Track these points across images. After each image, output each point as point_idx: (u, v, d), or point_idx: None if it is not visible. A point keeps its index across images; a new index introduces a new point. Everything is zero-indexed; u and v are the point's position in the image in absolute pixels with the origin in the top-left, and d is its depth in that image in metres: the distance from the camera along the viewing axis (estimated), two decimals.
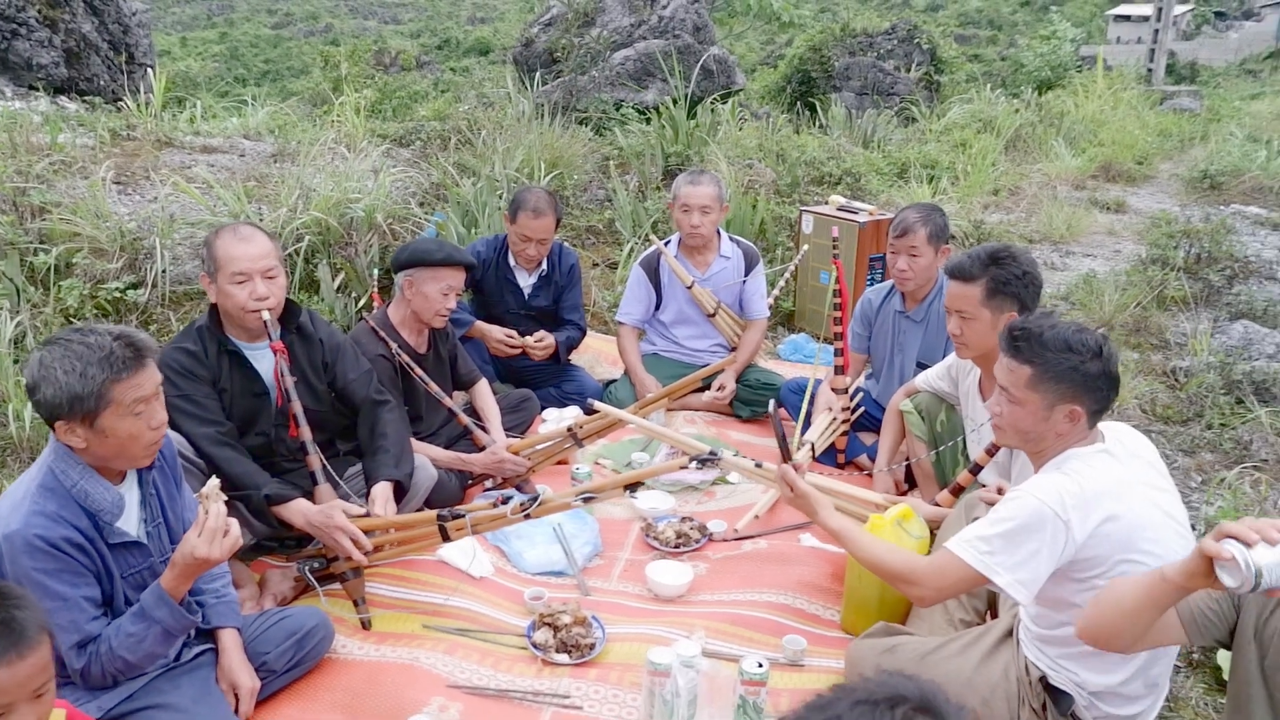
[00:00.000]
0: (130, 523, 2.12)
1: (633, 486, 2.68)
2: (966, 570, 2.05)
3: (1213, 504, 3.58)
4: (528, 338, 4.16)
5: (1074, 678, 2.11)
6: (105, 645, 1.99)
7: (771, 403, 3.52)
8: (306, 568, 2.74)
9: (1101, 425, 2.16)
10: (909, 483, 3.50)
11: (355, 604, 2.71)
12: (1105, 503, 1.97)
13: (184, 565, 2.02)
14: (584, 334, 4.44)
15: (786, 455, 2.71)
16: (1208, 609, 1.86)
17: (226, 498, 2.07)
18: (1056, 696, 2.14)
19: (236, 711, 2.21)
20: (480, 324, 4.16)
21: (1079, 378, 2.04)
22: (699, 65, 8.42)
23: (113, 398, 1.94)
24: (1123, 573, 1.97)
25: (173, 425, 2.58)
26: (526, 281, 4.27)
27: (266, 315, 2.70)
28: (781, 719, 1.10)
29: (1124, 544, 1.97)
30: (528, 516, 2.60)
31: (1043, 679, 2.16)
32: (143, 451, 2.05)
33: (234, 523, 2.06)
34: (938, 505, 2.99)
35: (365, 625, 2.67)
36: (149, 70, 7.17)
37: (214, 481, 2.08)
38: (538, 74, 8.74)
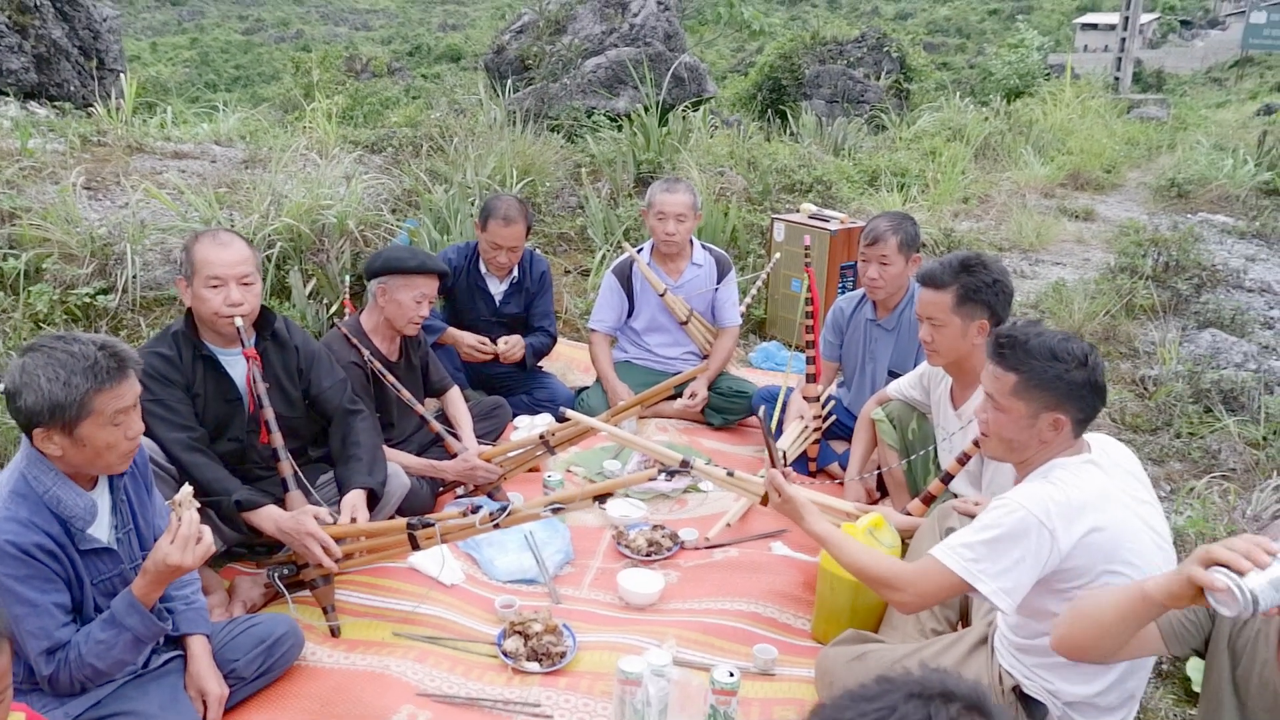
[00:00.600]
0: (101, 529, 2.11)
1: (602, 497, 2.69)
2: (950, 577, 2.05)
3: (1181, 513, 3.61)
4: (500, 345, 4.16)
5: (1049, 687, 2.12)
6: (74, 652, 1.98)
7: (762, 408, 3.54)
8: (276, 574, 2.73)
9: (1087, 436, 2.17)
10: (880, 491, 3.53)
11: (324, 611, 2.70)
12: (1090, 513, 1.98)
13: (156, 572, 2.01)
14: (554, 341, 4.45)
15: (774, 460, 2.73)
16: (1185, 619, 1.86)
17: (199, 504, 2.07)
18: (1030, 706, 2.15)
19: (204, 719, 2.19)
20: (452, 330, 4.16)
21: (1063, 386, 2.05)
22: (670, 73, 8.45)
23: (94, 408, 1.94)
24: (1105, 584, 1.98)
25: (145, 429, 2.57)
26: (498, 289, 4.27)
27: (239, 321, 2.70)
28: (819, 705, 1.07)
29: (1108, 555, 1.98)
30: (497, 526, 2.60)
31: (1016, 688, 2.17)
32: (118, 460, 2.05)
33: (206, 530, 2.06)
34: (909, 514, 3.02)
35: (334, 633, 2.66)
36: (120, 76, 7.10)
37: (187, 489, 2.08)
38: (509, 81, 8.74)
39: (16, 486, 1.99)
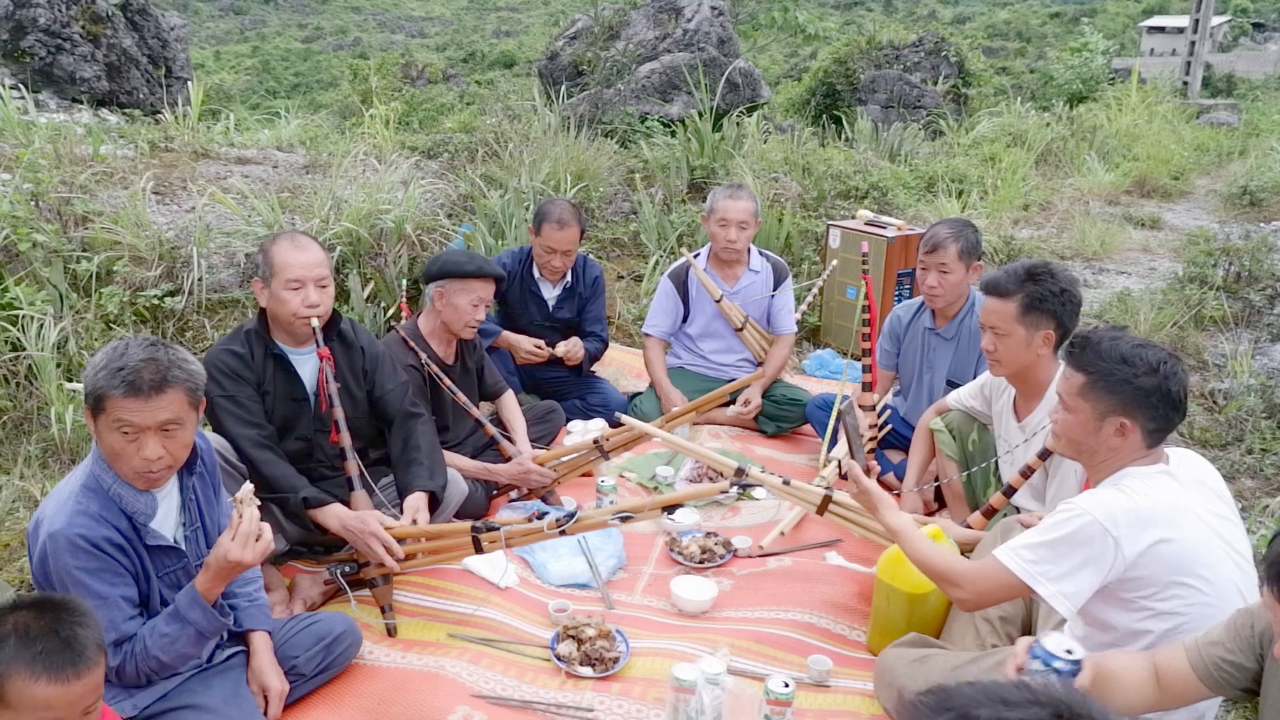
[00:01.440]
0: (167, 526, 2.16)
1: (671, 508, 2.68)
2: (1009, 577, 2.05)
3: (1254, 532, 3.49)
4: (558, 349, 4.18)
5: None
6: (140, 644, 2.03)
7: (848, 400, 3.26)
8: (338, 570, 2.77)
9: (1169, 450, 2.14)
10: (938, 503, 3.47)
11: (382, 610, 2.73)
12: (1159, 525, 1.95)
13: (217, 568, 2.05)
14: (606, 346, 4.46)
15: (854, 452, 2.75)
16: (1223, 661, 1.79)
17: (260, 502, 2.10)
18: None
19: (265, 713, 2.23)
20: (507, 334, 4.18)
21: (1131, 391, 2.04)
22: (724, 78, 8.44)
23: (106, 408, 1.97)
24: (1173, 595, 1.94)
25: (216, 425, 2.65)
26: (551, 294, 4.28)
27: (315, 322, 2.76)
28: (943, 692, 1.06)
29: (1175, 567, 1.95)
30: (563, 533, 2.61)
31: None
32: (129, 470, 2.02)
33: (266, 527, 2.09)
34: (969, 527, 2.96)
35: (391, 632, 2.69)
36: (186, 83, 7.30)
37: (249, 486, 2.11)
38: (563, 87, 8.79)
39: (87, 482, 2.04)
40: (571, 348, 4.19)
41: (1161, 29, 47.25)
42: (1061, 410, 2.18)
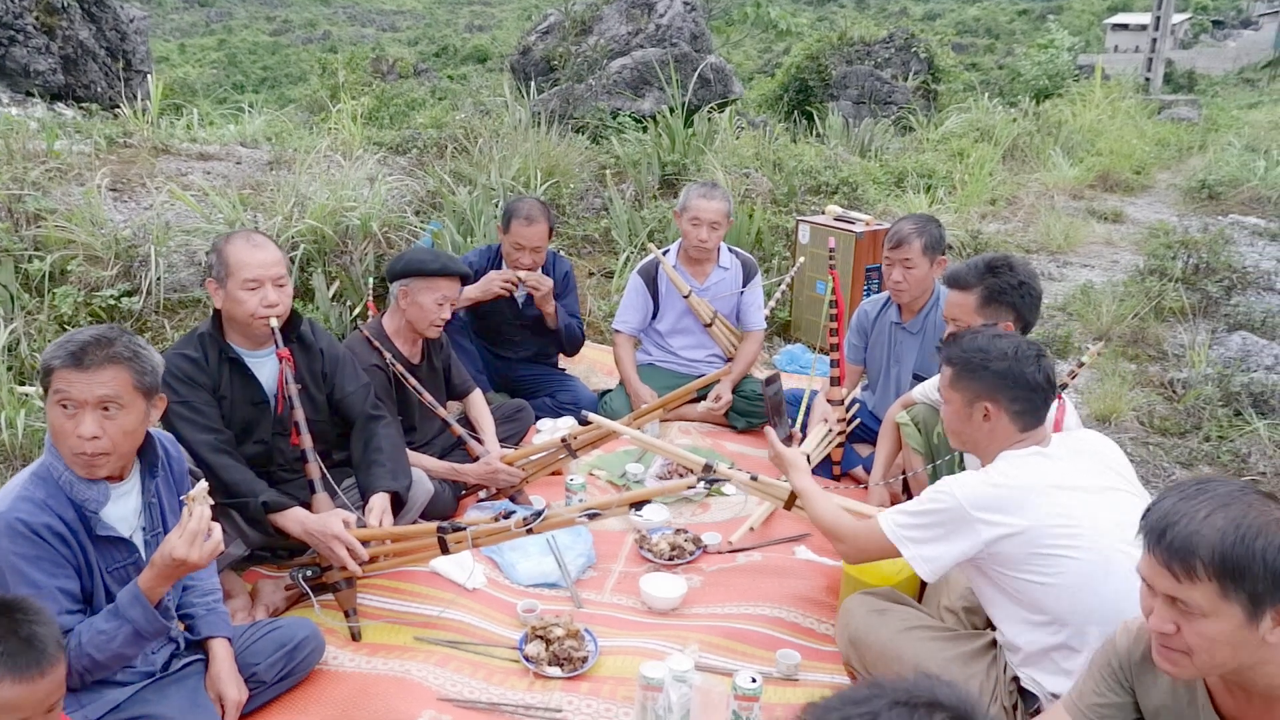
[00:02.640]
0: (124, 525, 2.11)
1: (638, 504, 2.68)
2: (883, 539, 2.30)
3: None
4: (522, 272, 4.00)
5: (1035, 678, 2.19)
6: (75, 640, 1.96)
7: (765, 379, 3.29)
8: (300, 575, 2.73)
9: (1057, 434, 2.32)
10: (906, 495, 3.48)
11: (346, 614, 2.69)
12: (1016, 508, 2.11)
13: (162, 566, 1.98)
14: (583, 338, 4.42)
15: (772, 422, 2.93)
16: (1100, 706, 1.79)
17: (213, 502, 2.05)
18: (1026, 697, 2.23)
19: None
20: (467, 289, 3.94)
21: (988, 375, 2.24)
22: (696, 74, 8.43)
23: (50, 382, 1.97)
24: (1037, 567, 2.09)
25: (172, 431, 2.59)
26: (520, 292, 4.25)
27: (274, 322, 2.71)
28: (811, 705, 1.08)
29: (1032, 543, 2.10)
30: (530, 531, 2.59)
31: (1015, 678, 2.26)
32: (67, 452, 1.99)
33: (216, 527, 2.03)
34: None
35: (355, 636, 2.66)
36: (147, 77, 7.18)
37: (202, 485, 2.04)
38: (534, 82, 8.74)
39: (38, 470, 2.02)
40: (542, 279, 4.02)
41: (1125, 26, 47.86)
42: (943, 404, 2.38)
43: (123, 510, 2.12)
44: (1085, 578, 2.07)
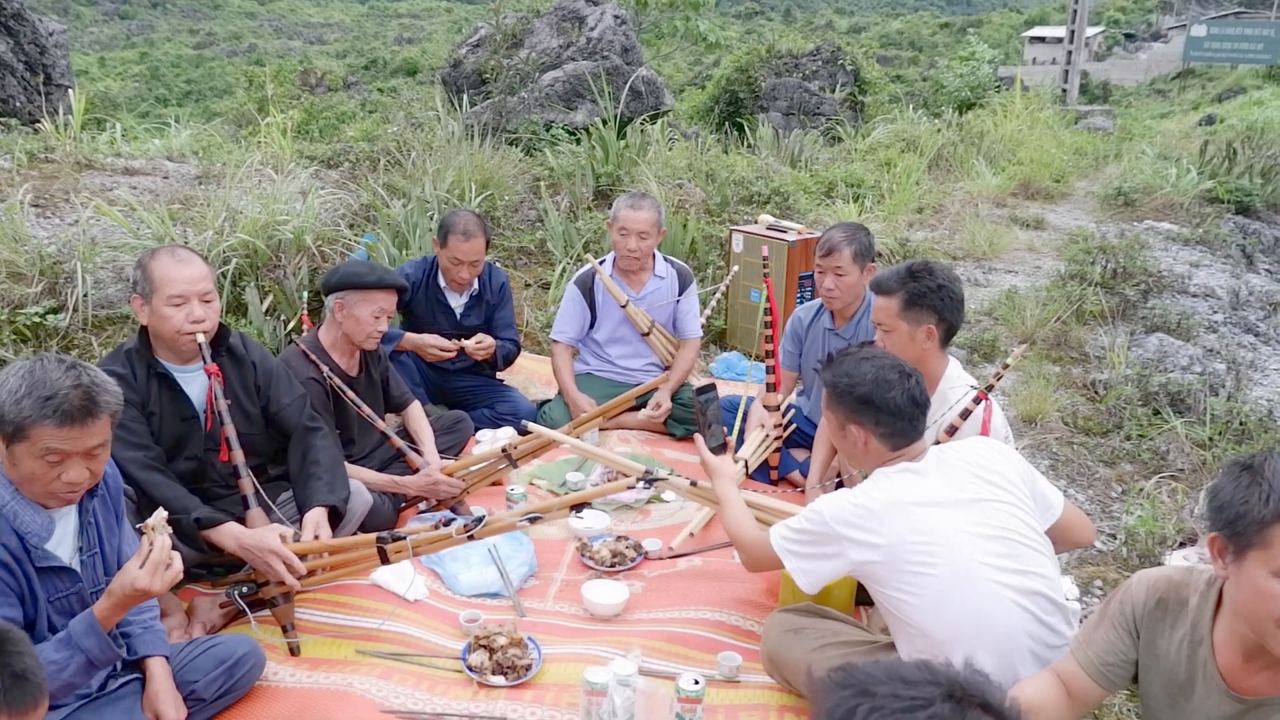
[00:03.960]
0: (63, 549, 2.08)
1: (578, 506, 2.70)
2: (769, 549, 2.40)
3: (1132, 513, 3.70)
4: (466, 341, 4.11)
5: None
6: None
7: (698, 388, 3.27)
8: (235, 592, 2.69)
9: (935, 446, 2.41)
10: None
11: (284, 629, 2.66)
12: (882, 520, 2.20)
13: (122, 595, 1.98)
14: (519, 349, 4.45)
15: (703, 429, 3.00)
16: (1108, 655, 1.88)
17: (171, 530, 2.04)
18: None
19: None
20: (410, 336, 4.12)
21: (852, 401, 2.35)
22: (628, 86, 8.50)
23: (30, 435, 1.91)
24: (909, 584, 2.15)
25: None
26: (458, 302, 4.26)
27: (201, 338, 2.68)
28: (848, 669, 1.10)
29: (896, 568, 2.18)
30: (471, 537, 2.59)
31: None
32: (42, 493, 1.99)
33: (177, 556, 2.03)
34: None
35: (294, 651, 2.63)
36: (68, 91, 6.98)
37: (161, 514, 2.05)
38: (466, 95, 8.72)
39: None
40: (481, 340, 4.13)
41: (1042, 39, 49.49)
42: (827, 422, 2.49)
43: (61, 532, 2.08)
44: (946, 592, 2.13)
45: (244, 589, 2.70)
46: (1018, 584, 2.15)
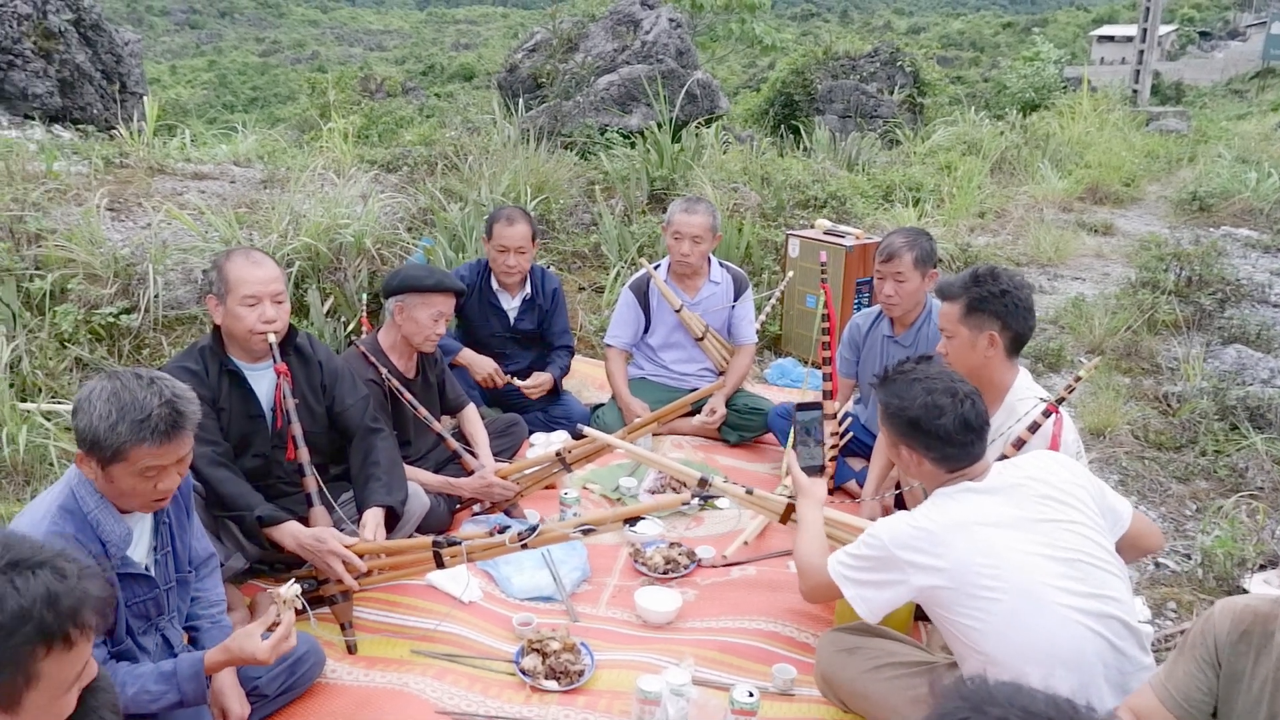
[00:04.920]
0: (139, 552, 2.14)
1: (632, 520, 2.69)
2: (828, 578, 2.34)
3: (1209, 533, 3.56)
4: (520, 381, 4.17)
5: None
6: (120, 689, 1.97)
7: (797, 406, 3.19)
8: (300, 587, 2.73)
9: (999, 463, 2.33)
10: (900, 509, 3.49)
11: (342, 628, 2.71)
12: (944, 542, 2.14)
13: (236, 655, 2.07)
14: (573, 355, 4.46)
15: (797, 447, 2.89)
16: (1191, 689, 1.80)
17: (301, 605, 2.12)
18: None
19: None
20: (467, 353, 4.16)
21: (902, 424, 2.30)
22: (683, 90, 8.49)
23: (128, 457, 1.96)
24: (975, 608, 2.08)
25: None
26: (510, 305, 4.28)
27: (272, 338, 2.75)
28: (973, 680, 1.10)
29: (964, 590, 2.12)
30: (525, 546, 2.61)
31: None
32: (141, 504, 2.07)
33: (295, 633, 2.12)
34: None
35: (351, 649, 2.67)
36: (141, 98, 7.21)
37: (295, 587, 2.12)
38: (522, 99, 8.80)
39: (65, 503, 2.02)
40: (540, 381, 4.20)
41: (1111, 38, 48.31)
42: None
43: (138, 535, 2.14)
44: (1012, 617, 2.07)
45: (304, 586, 2.75)
46: (1090, 608, 2.08)
